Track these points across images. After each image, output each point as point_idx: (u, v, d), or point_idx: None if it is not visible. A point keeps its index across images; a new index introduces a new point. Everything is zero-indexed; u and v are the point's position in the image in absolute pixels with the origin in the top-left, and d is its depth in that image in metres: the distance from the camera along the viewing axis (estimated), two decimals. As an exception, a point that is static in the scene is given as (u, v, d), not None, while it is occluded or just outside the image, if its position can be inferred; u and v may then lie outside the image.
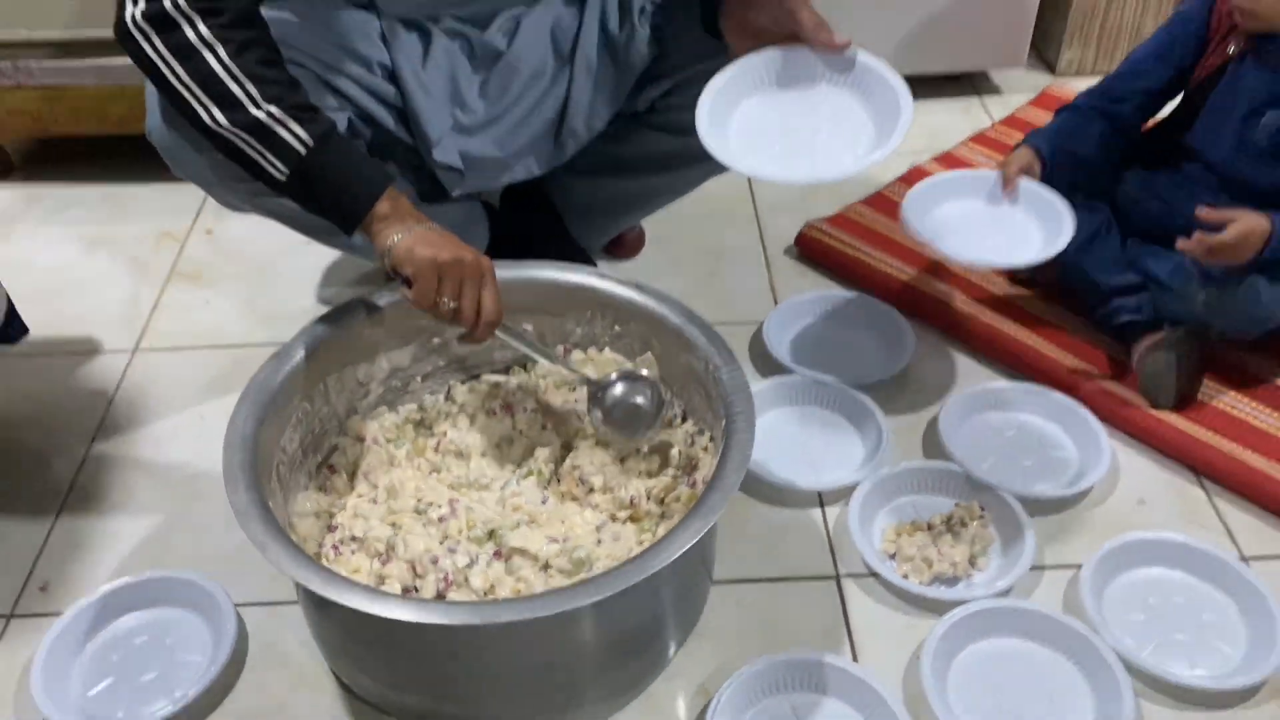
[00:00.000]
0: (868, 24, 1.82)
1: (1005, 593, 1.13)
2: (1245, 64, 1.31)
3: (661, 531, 1.07)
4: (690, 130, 1.20)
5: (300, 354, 1.06)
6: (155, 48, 0.97)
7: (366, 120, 1.22)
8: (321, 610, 0.98)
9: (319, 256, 1.64)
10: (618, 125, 1.32)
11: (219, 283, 1.62)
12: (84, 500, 1.27)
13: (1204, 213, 1.22)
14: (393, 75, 1.23)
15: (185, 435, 1.36)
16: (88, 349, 1.50)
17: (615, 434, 1.14)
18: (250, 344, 1.49)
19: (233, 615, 1.11)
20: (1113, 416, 1.32)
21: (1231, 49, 1.32)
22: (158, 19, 0.97)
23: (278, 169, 0.99)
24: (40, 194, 1.82)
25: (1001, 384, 1.37)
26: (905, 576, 1.15)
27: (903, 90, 1.08)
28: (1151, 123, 1.45)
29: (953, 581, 1.15)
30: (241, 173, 1.06)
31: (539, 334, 1.23)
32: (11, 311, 1.30)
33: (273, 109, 0.98)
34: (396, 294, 1.11)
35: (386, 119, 1.23)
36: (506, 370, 1.27)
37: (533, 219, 1.48)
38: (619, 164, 1.36)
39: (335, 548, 1.04)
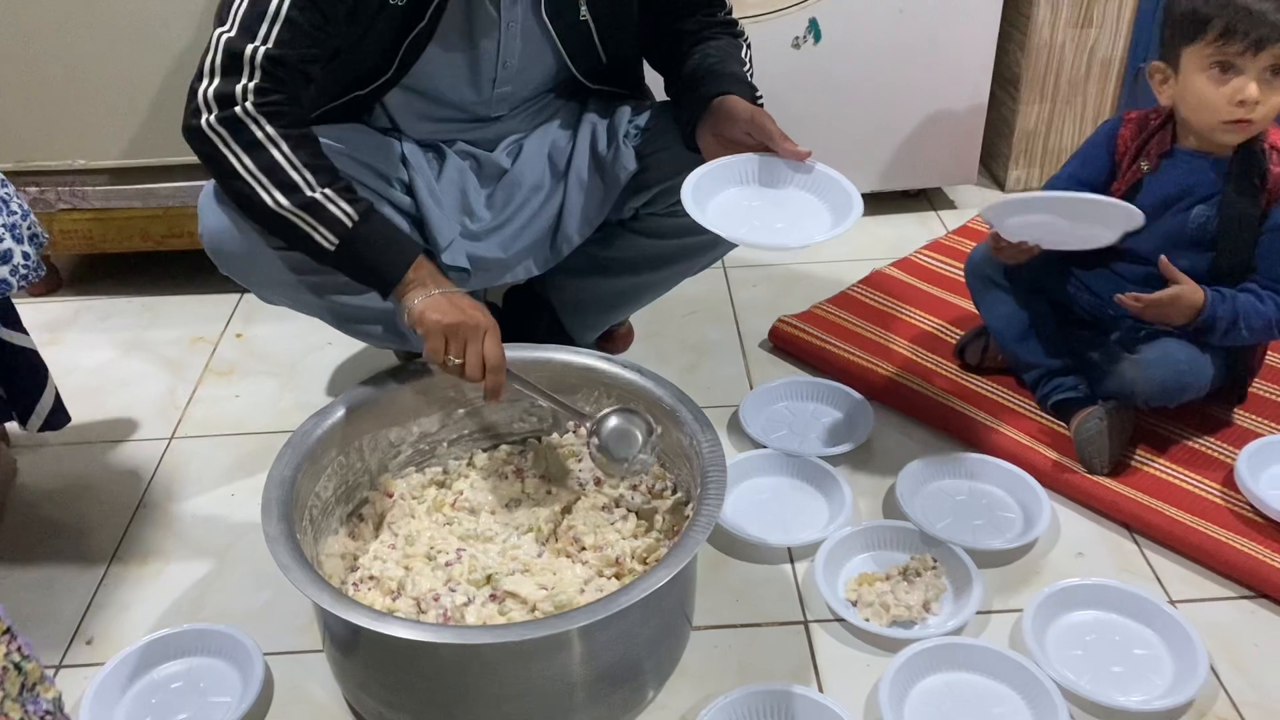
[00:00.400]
0: (834, 148, 2.04)
1: (956, 632, 1.25)
2: (1164, 172, 1.50)
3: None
4: (668, 234, 1.40)
5: (340, 412, 1.23)
6: (229, 145, 1.18)
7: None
8: (332, 632, 1.11)
9: (336, 356, 1.81)
10: (606, 231, 1.51)
11: (248, 379, 1.79)
12: (126, 565, 1.41)
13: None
14: (410, 189, 1.43)
15: (217, 509, 1.50)
16: (129, 436, 1.66)
17: (609, 462, 1.27)
18: (276, 431, 1.64)
19: (260, 663, 1.23)
20: (1054, 482, 1.46)
21: (1145, 166, 1.51)
22: (230, 122, 1.18)
23: (329, 240, 1.19)
24: (85, 305, 2.00)
25: (954, 455, 1.52)
26: (866, 620, 1.27)
27: (854, 190, 1.27)
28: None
29: (909, 624, 1.27)
30: (282, 272, 1.25)
31: (551, 409, 1.39)
32: (58, 402, 1.46)
33: (326, 190, 1.19)
34: (430, 367, 1.27)
35: (404, 226, 1.42)
36: (523, 442, 1.43)
37: (532, 316, 1.65)
38: (607, 265, 1.54)
39: (355, 585, 1.17)
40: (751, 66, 1.45)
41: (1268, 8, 1.30)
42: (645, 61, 1.53)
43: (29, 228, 1.33)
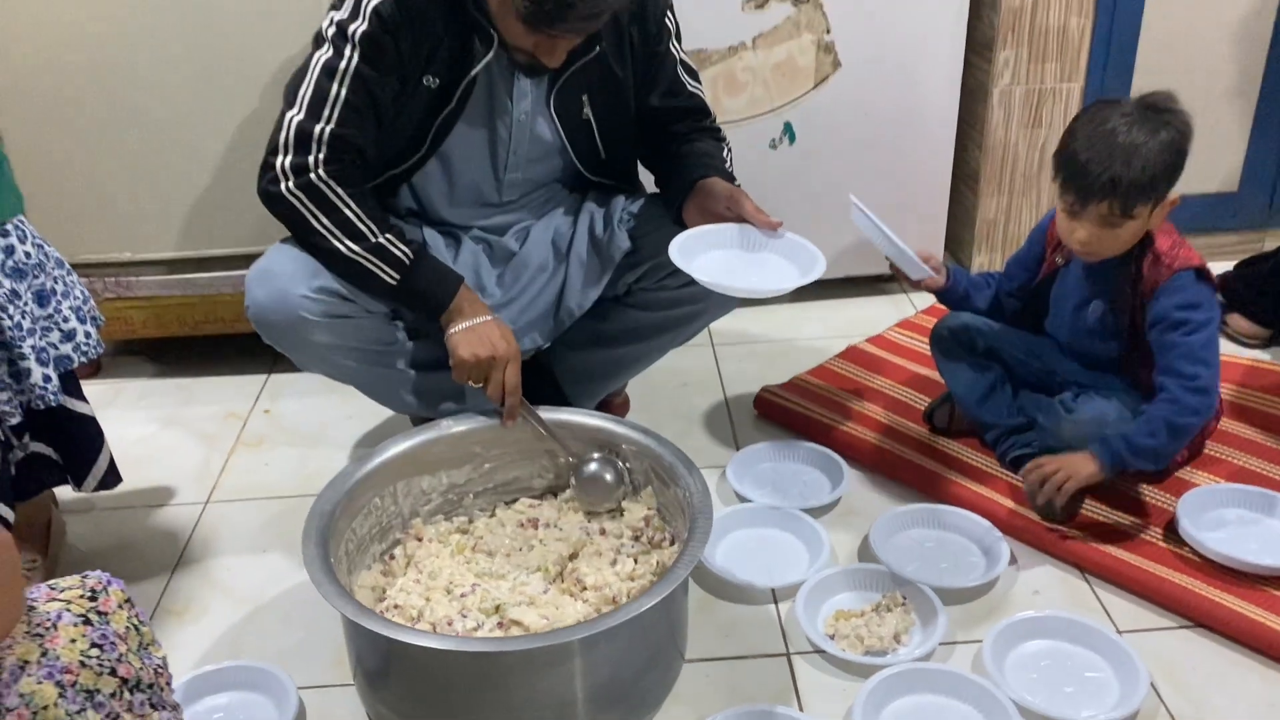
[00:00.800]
0: (811, 236, 2.22)
1: (924, 659, 1.39)
2: (1070, 269, 1.68)
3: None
4: (657, 307, 1.58)
5: (378, 459, 1.42)
6: (306, 206, 1.44)
7: None
8: (354, 646, 1.26)
9: (355, 429, 1.97)
10: (603, 306, 1.69)
11: (276, 450, 1.95)
12: (168, 613, 1.55)
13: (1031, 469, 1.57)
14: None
15: (251, 563, 1.64)
16: (168, 501, 1.81)
17: (584, 497, 1.49)
18: (303, 495, 1.78)
19: (294, 695, 1.36)
20: (1012, 529, 1.61)
21: (1059, 259, 1.70)
22: (306, 187, 1.44)
23: (392, 276, 1.46)
24: (124, 386, 2.17)
25: (922, 506, 1.67)
26: (843, 650, 1.41)
27: (818, 253, 1.48)
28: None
29: (881, 653, 1.41)
30: (318, 343, 1.44)
31: (567, 465, 1.57)
32: (111, 464, 1.62)
33: (387, 236, 1.43)
34: (458, 425, 1.52)
35: None
36: (540, 497, 1.59)
37: (537, 385, 1.82)
38: (605, 337, 1.71)
39: (381, 612, 1.32)
40: (731, 164, 1.66)
41: (1096, 169, 1.46)
42: (638, 160, 1.73)
43: (89, 310, 1.51)
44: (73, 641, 0.76)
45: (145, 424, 2.04)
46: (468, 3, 1.44)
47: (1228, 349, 2.08)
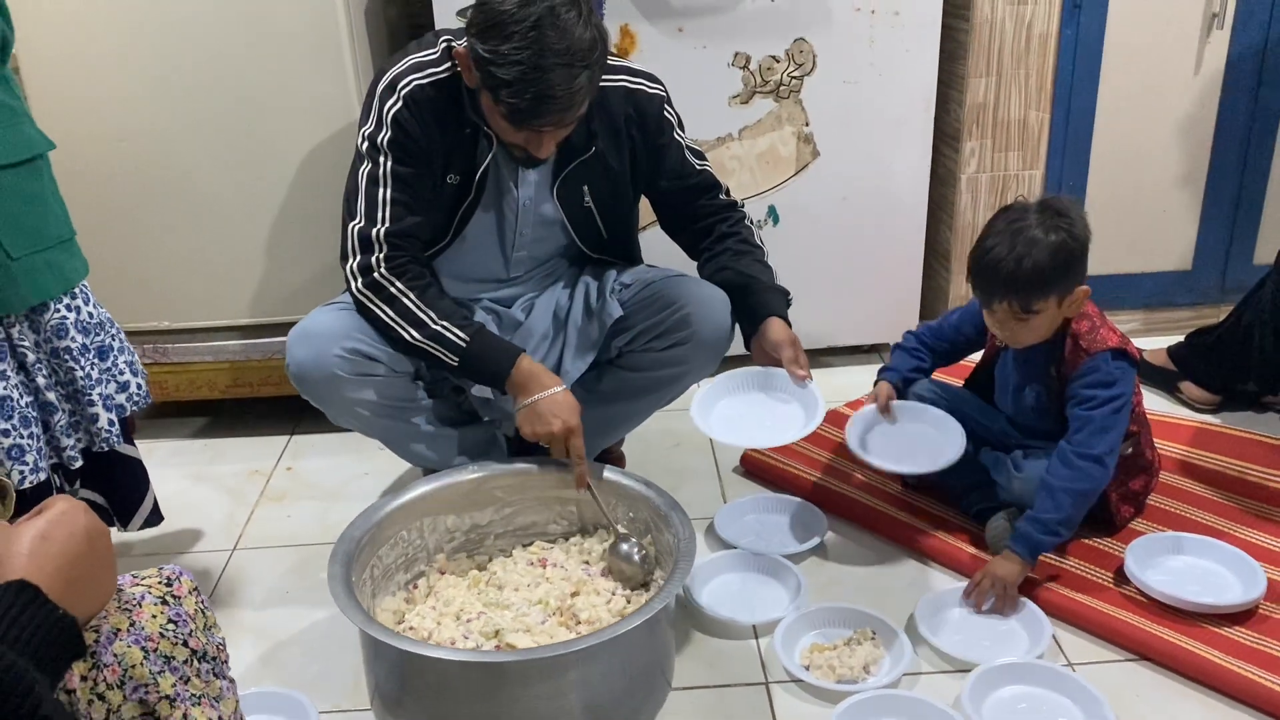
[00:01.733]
0: (795, 312, 2.41)
1: (890, 687, 1.52)
2: (1007, 354, 1.83)
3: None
4: (645, 368, 1.77)
5: (408, 496, 1.60)
6: (374, 302, 1.64)
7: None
8: (365, 656, 1.41)
9: (373, 485, 2.13)
10: (597, 369, 1.86)
11: (298, 503, 2.10)
12: (200, 646, 1.69)
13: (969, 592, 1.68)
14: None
15: (275, 604, 1.79)
16: (197, 548, 1.95)
17: (620, 564, 1.63)
18: (323, 543, 1.93)
19: (316, 718, 1.50)
20: (974, 573, 1.75)
21: (999, 343, 1.84)
22: (372, 285, 1.65)
23: (451, 358, 1.63)
24: (155, 446, 2.33)
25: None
26: (817, 679, 1.54)
27: (823, 404, 1.67)
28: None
29: (852, 682, 1.54)
30: (352, 401, 1.64)
31: (579, 513, 1.75)
32: (155, 505, 1.77)
33: (445, 323, 1.61)
34: (484, 470, 1.69)
35: None
36: (553, 541, 1.75)
37: (536, 447, 1.98)
38: (599, 396, 1.88)
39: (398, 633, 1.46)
40: (763, 246, 1.86)
41: (992, 275, 1.62)
42: (675, 242, 1.92)
43: (138, 365, 1.69)
44: (153, 617, 0.92)
45: (176, 480, 2.19)
46: (467, 107, 1.65)
47: (1179, 413, 2.25)
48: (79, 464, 1.55)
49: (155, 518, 1.76)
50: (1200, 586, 1.68)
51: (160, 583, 0.96)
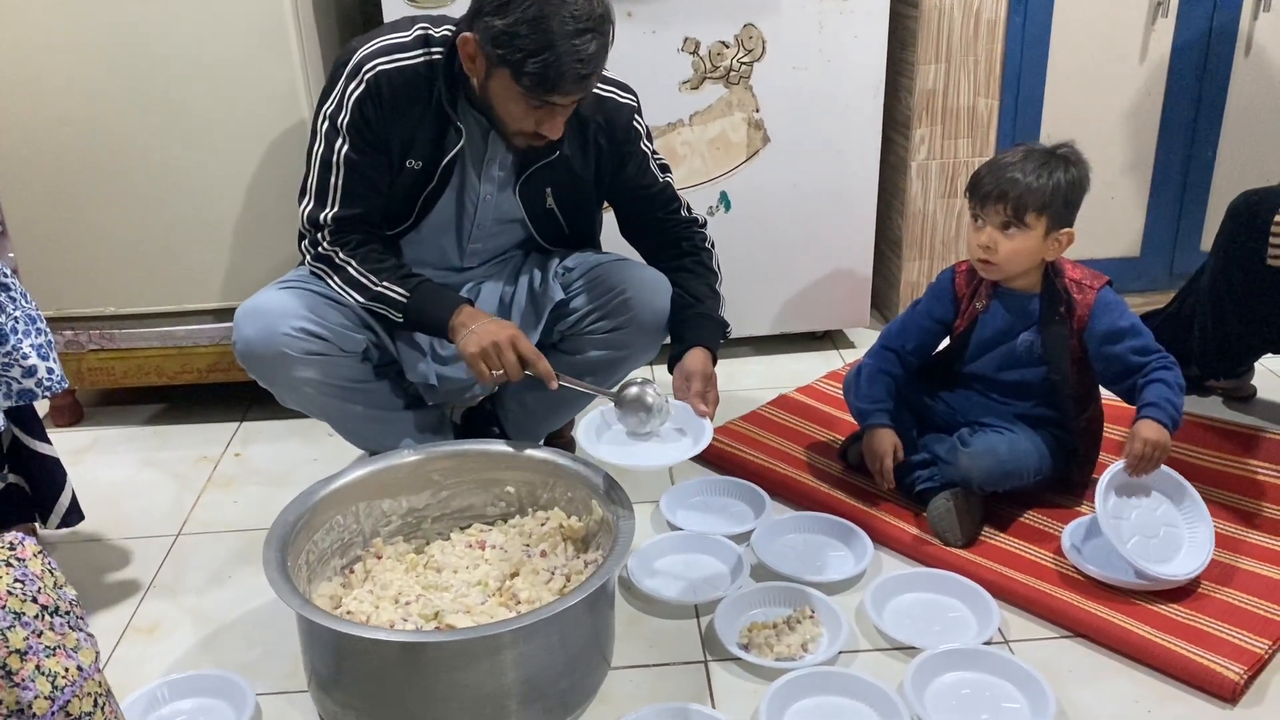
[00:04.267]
0: (749, 297, 2.44)
1: (828, 664, 1.53)
2: (993, 309, 1.88)
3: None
4: (587, 350, 1.76)
5: (343, 480, 1.59)
6: (325, 273, 1.72)
7: (380, 348, 1.78)
8: (302, 641, 1.41)
9: (321, 470, 2.10)
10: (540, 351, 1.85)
11: (245, 489, 2.09)
12: (138, 631, 1.68)
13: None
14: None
15: (217, 589, 1.78)
16: (142, 534, 1.94)
17: (630, 420, 1.62)
18: (267, 529, 1.92)
19: (253, 700, 1.49)
20: (917, 553, 1.77)
21: (980, 304, 1.89)
22: (321, 258, 1.71)
23: (395, 314, 1.67)
24: (103, 434, 2.32)
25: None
26: (755, 657, 1.55)
27: (709, 432, 1.60)
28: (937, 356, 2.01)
29: (790, 660, 1.55)
30: (298, 379, 1.66)
31: (517, 494, 1.73)
32: (74, 503, 1.76)
33: (385, 283, 1.65)
34: (420, 454, 1.67)
35: (390, 347, 1.78)
36: (491, 523, 1.74)
37: (484, 429, 1.98)
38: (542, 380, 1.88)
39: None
40: (719, 273, 1.85)
41: (990, 179, 1.73)
42: (634, 247, 1.91)
43: (51, 348, 1.62)
44: None
45: (123, 467, 2.18)
46: (441, 98, 1.65)
47: (1124, 397, 2.27)
48: None
49: (74, 516, 1.75)
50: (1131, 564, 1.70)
51: (3, 547, 0.98)
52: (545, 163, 1.73)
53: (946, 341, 1.95)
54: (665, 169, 1.87)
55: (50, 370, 1.61)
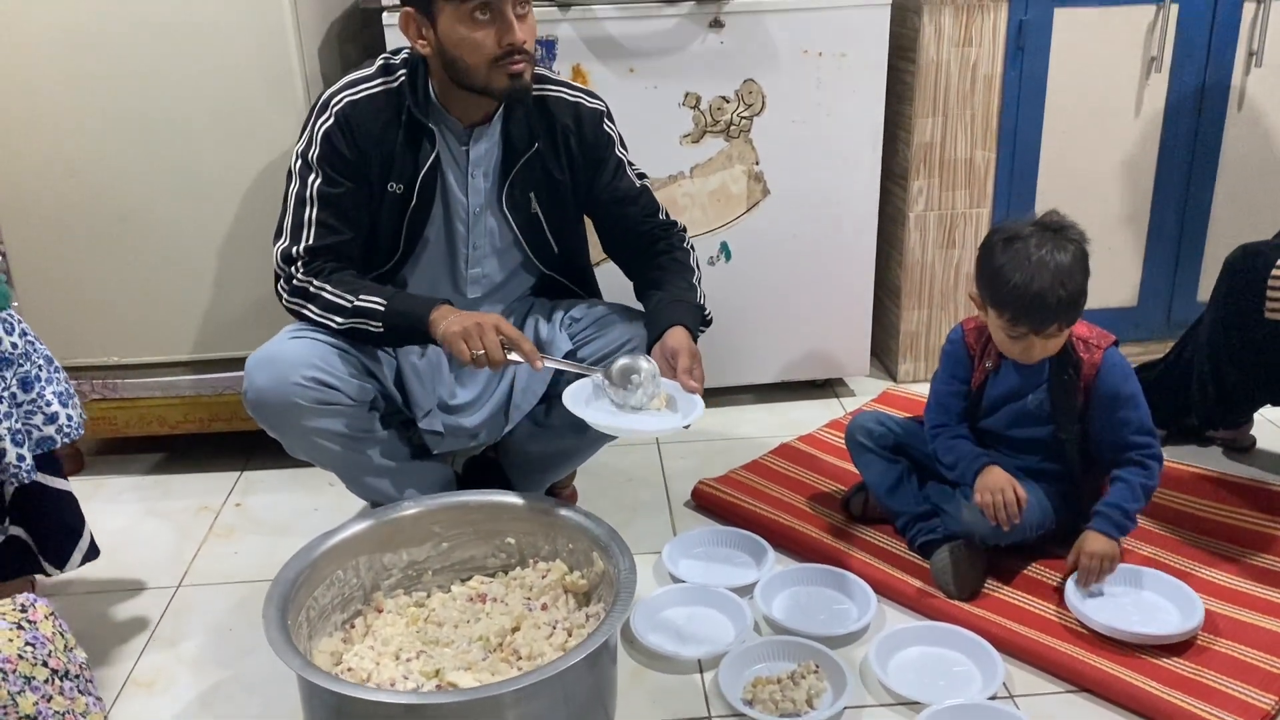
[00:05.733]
0: (749, 345, 2.46)
1: (834, 718, 1.53)
2: (1004, 369, 1.87)
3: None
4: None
5: (343, 534, 1.58)
6: (301, 305, 1.71)
7: (387, 398, 1.79)
8: (307, 701, 1.39)
9: (322, 521, 2.11)
10: (546, 403, 1.86)
11: (245, 539, 2.08)
12: (138, 685, 1.67)
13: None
14: (399, 370, 1.80)
15: (218, 641, 1.77)
16: (142, 586, 1.93)
17: (617, 390, 1.60)
18: (268, 580, 1.89)
19: (253, 756, 1.48)
20: (920, 606, 1.77)
21: (989, 364, 1.89)
22: (295, 290, 1.71)
23: (375, 326, 1.65)
24: (105, 482, 2.31)
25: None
26: (759, 713, 1.54)
27: (700, 406, 1.59)
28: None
29: (795, 715, 1.54)
30: (306, 429, 1.65)
31: (518, 546, 1.73)
32: (92, 540, 1.75)
33: (361, 297, 1.63)
34: (421, 505, 1.66)
35: (396, 397, 1.80)
36: (492, 575, 1.74)
37: (486, 478, 1.98)
38: (548, 430, 1.88)
39: (335, 674, 1.45)
40: (698, 270, 1.86)
41: (1043, 306, 1.67)
42: (617, 263, 1.93)
43: (71, 396, 1.66)
44: (10, 641, 0.94)
45: (123, 516, 2.17)
46: (409, 107, 1.69)
47: (1124, 447, 2.28)
48: None
49: (94, 552, 1.74)
50: (1140, 617, 1.70)
51: (15, 609, 0.98)
52: (525, 161, 1.76)
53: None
54: (643, 176, 1.89)
55: (69, 417, 1.63)
